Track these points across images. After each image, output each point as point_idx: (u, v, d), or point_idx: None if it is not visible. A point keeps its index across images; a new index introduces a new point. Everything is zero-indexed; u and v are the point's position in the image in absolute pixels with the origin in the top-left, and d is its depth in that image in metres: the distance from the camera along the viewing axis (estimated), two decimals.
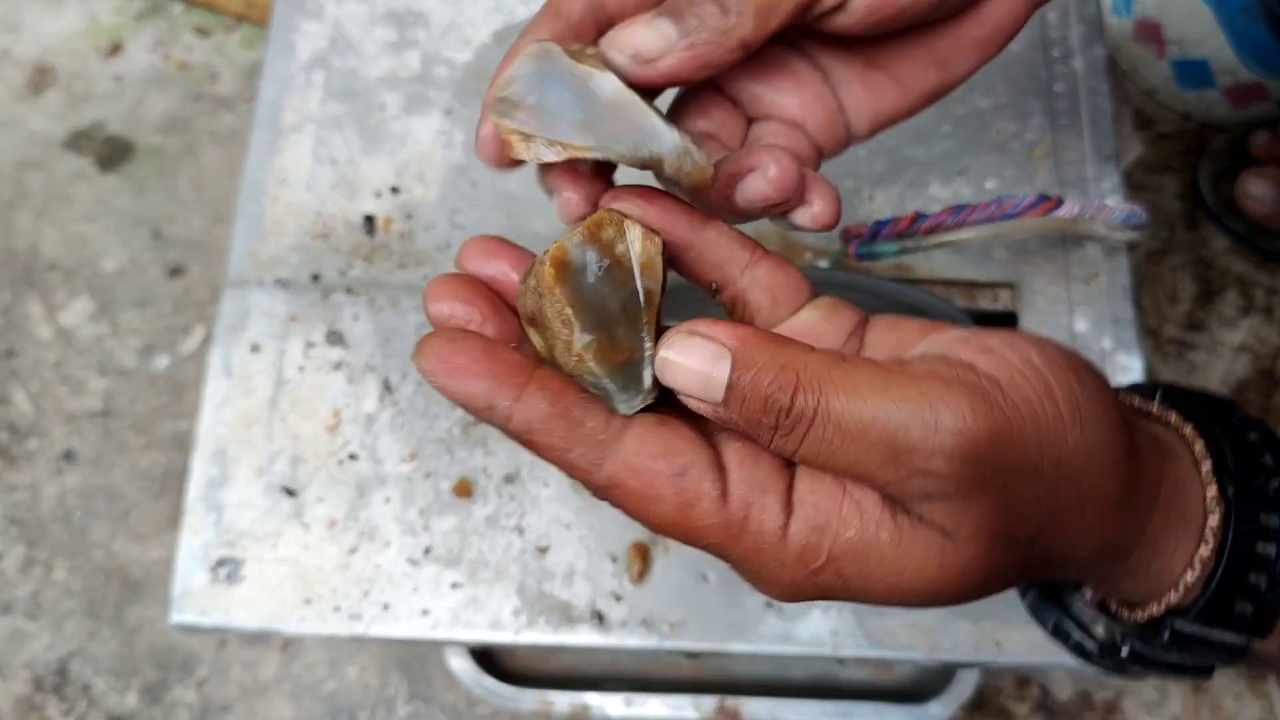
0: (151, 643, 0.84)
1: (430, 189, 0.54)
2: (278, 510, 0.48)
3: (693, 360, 0.24)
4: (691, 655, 0.48)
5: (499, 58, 0.59)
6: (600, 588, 0.47)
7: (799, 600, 0.26)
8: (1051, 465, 0.24)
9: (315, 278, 0.52)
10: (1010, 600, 0.47)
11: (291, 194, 0.54)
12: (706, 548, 0.25)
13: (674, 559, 0.48)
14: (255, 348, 0.51)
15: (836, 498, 0.25)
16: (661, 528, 0.25)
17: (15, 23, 1.07)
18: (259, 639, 0.83)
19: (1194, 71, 1.00)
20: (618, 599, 0.47)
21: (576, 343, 0.25)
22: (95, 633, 0.85)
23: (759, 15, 0.28)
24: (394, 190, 0.54)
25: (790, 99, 0.33)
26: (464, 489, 0.48)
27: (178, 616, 0.47)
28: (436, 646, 0.78)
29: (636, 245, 0.26)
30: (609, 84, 0.27)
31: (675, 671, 0.69)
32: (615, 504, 0.25)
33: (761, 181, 0.29)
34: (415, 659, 0.83)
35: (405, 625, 0.46)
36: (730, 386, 0.24)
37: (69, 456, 0.90)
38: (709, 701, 0.65)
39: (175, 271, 0.97)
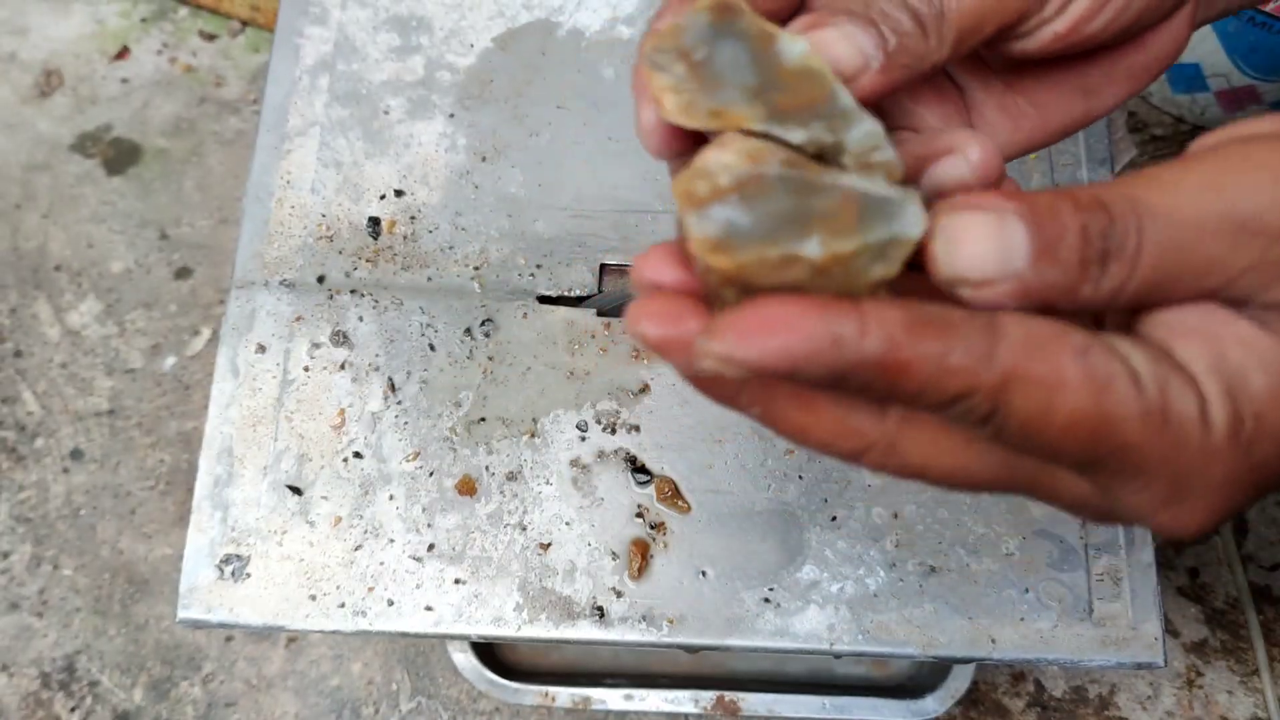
0: (158, 639, 0.85)
1: (433, 192, 0.55)
2: (283, 508, 0.49)
3: (976, 234, 0.20)
4: (690, 650, 0.48)
5: (500, 61, 0.60)
6: (601, 584, 0.48)
7: (1233, 511, 0.21)
8: None
9: (320, 279, 0.53)
10: (1005, 597, 0.48)
11: (297, 196, 0.55)
12: (1115, 457, 0.20)
13: (673, 556, 0.48)
14: (261, 348, 0.51)
15: (1213, 344, 0.21)
16: (1068, 432, 0.20)
17: (22, 26, 1.08)
18: (264, 635, 0.84)
19: (1187, 75, 1.00)
20: (618, 595, 0.48)
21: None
22: (102, 629, 0.85)
23: (958, 41, 0.26)
24: (398, 193, 0.55)
25: (932, 113, 0.30)
26: (467, 487, 0.49)
27: (184, 613, 0.47)
28: (440, 642, 0.79)
29: None
30: (795, 49, 0.23)
31: (674, 666, 0.70)
32: (1003, 413, 0.20)
33: (963, 165, 0.24)
34: (419, 654, 0.83)
35: (409, 621, 0.47)
36: (1037, 241, 0.20)
37: (76, 455, 0.91)
38: (708, 696, 0.65)
39: (182, 273, 0.98)
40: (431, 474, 0.49)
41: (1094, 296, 0.20)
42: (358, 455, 0.50)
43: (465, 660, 0.66)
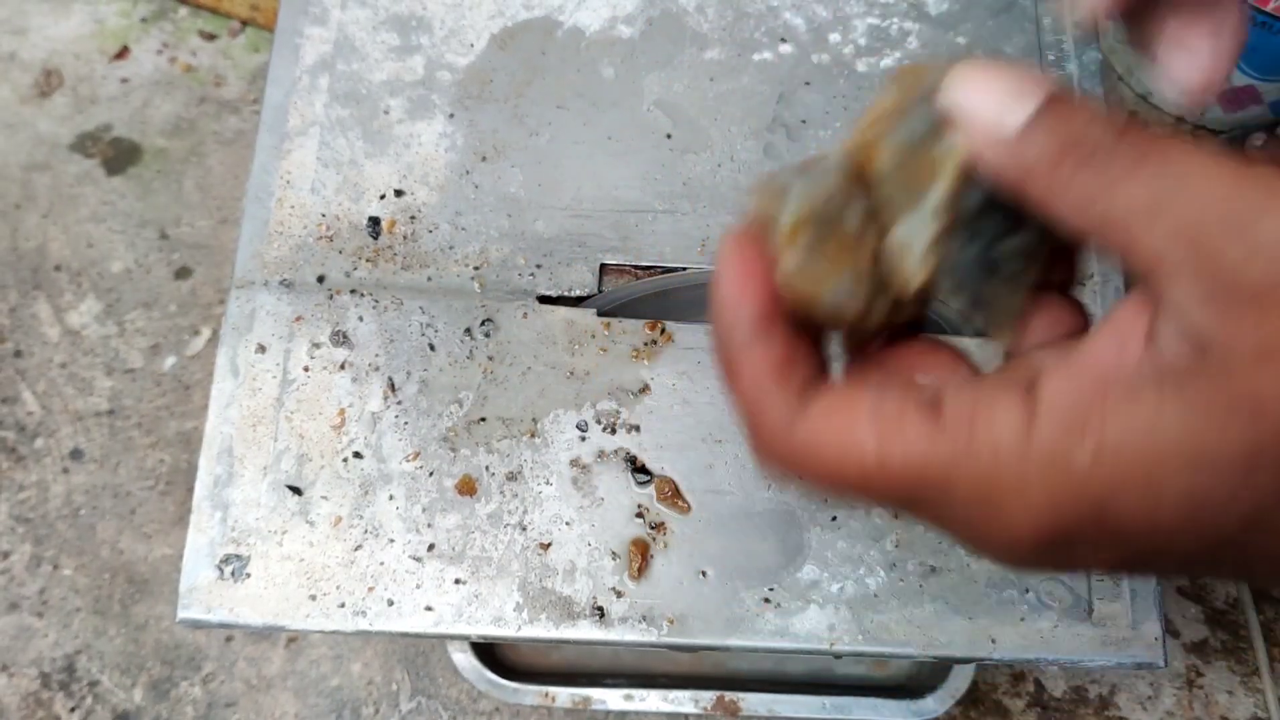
0: (158, 639, 0.85)
1: (433, 192, 0.55)
2: (283, 508, 0.49)
3: (991, 82, 0.21)
4: (691, 650, 0.48)
5: (500, 61, 0.60)
6: (601, 584, 0.48)
7: (1060, 533, 0.20)
8: None
9: (320, 279, 0.53)
10: (1005, 597, 0.48)
11: (297, 196, 0.55)
12: (928, 489, 0.21)
13: (674, 556, 0.48)
14: (261, 348, 0.51)
15: (1082, 357, 0.20)
16: (862, 483, 0.22)
17: (22, 26, 1.08)
18: (264, 635, 0.84)
19: None
20: (618, 595, 0.48)
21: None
22: (102, 630, 0.85)
23: None
24: (398, 193, 0.55)
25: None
26: (467, 487, 0.49)
27: (184, 613, 0.47)
28: (440, 642, 0.79)
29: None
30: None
31: (674, 666, 0.70)
32: (807, 478, 0.23)
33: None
34: (419, 655, 0.83)
35: (409, 621, 0.47)
36: (1041, 114, 0.21)
37: (76, 455, 0.91)
38: (708, 696, 0.65)
39: (182, 273, 0.98)
40: (431, 474, 0.49)
41: (1047, 197, 0.20)
42: (358, 455, 0.50)
43: (465, 660, 0.66)
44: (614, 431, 0.50)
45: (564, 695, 0.66)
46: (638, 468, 0.50)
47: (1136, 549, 0.20)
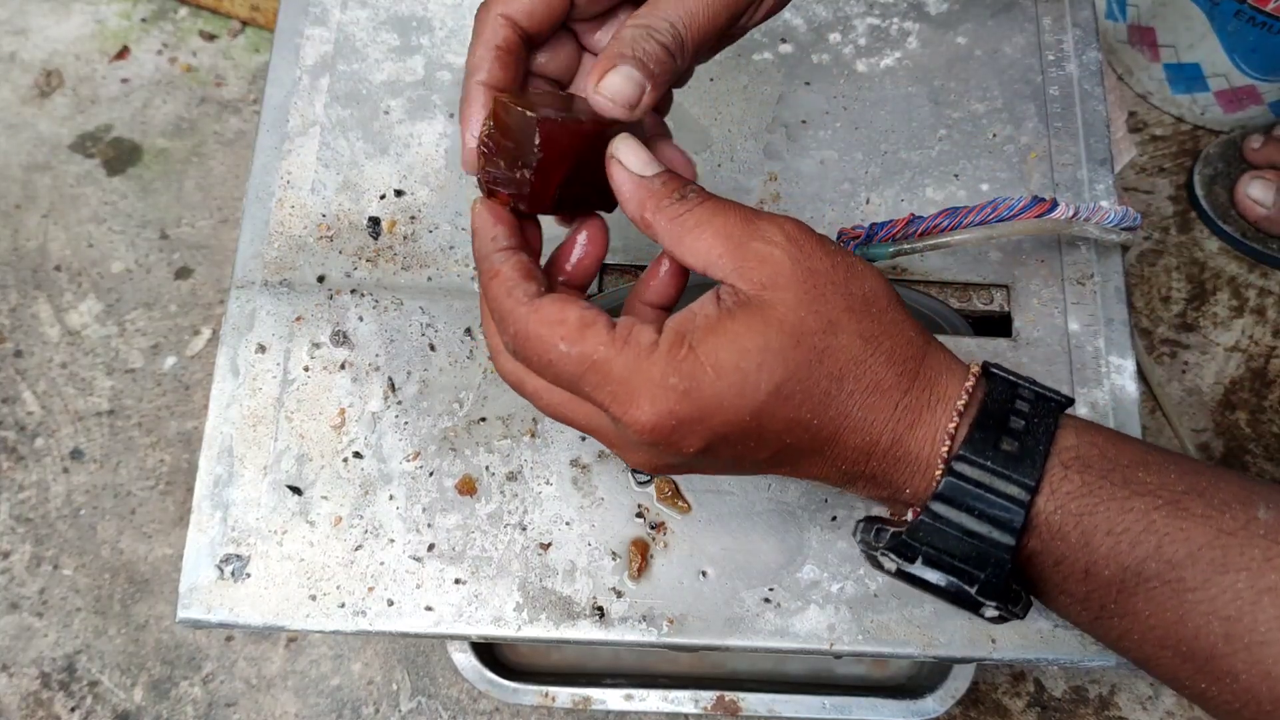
0: (158, 639, 0.85)
1: (433, 192, 0.55)
2: (284, 508, 0.49)
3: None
4: (691, 650, 0.48)
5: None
6: (601, 584, 0.48)
7: (676, 418, 0.32)
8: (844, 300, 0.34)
9: (321, 279, 0.53)
10: None
11: (297, 196, 0.55)
12: (594, 372, 0.33)
13: (674, 556, 0.48)
14: (261, 348, 0.51)
15: (700, 303, 0.34)
16: (564, 360, 0.33)
17: (23, 26, 1.08)
18: (264, 635, 0.84)
19: (1187, 75, 1.00)
20: (618, 595, 0.48)
21: None
22: (102, 629, 0.86)
23: (695, 53, 0.38)
24: (398, 193, 0.55)
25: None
26: (467, 487, 0.49)
27: (184, 613, 0.47)
28: (440, 642, 0.79)
29: None
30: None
31: (674, 666, 0.70)
32: (521, 355, 0.35)
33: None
34: (419, 654, 0.84)
35: (409, 621, 0.47)
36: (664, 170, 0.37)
37: (76, 455, 0.91)
38: (708, 696, 0.65)
39: (182, 273, 0.98)
40: (431, 474, 0.49)
41: (664, 209, 0.35)
42: (358, 455, 0.50)
43: (465, 660, 0.67)
44: None
45: (564, 695, 0.66)
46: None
47: (722, 434, 0.33)
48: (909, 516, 0.35)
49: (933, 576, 0.34)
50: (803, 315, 0.33)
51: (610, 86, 0.36)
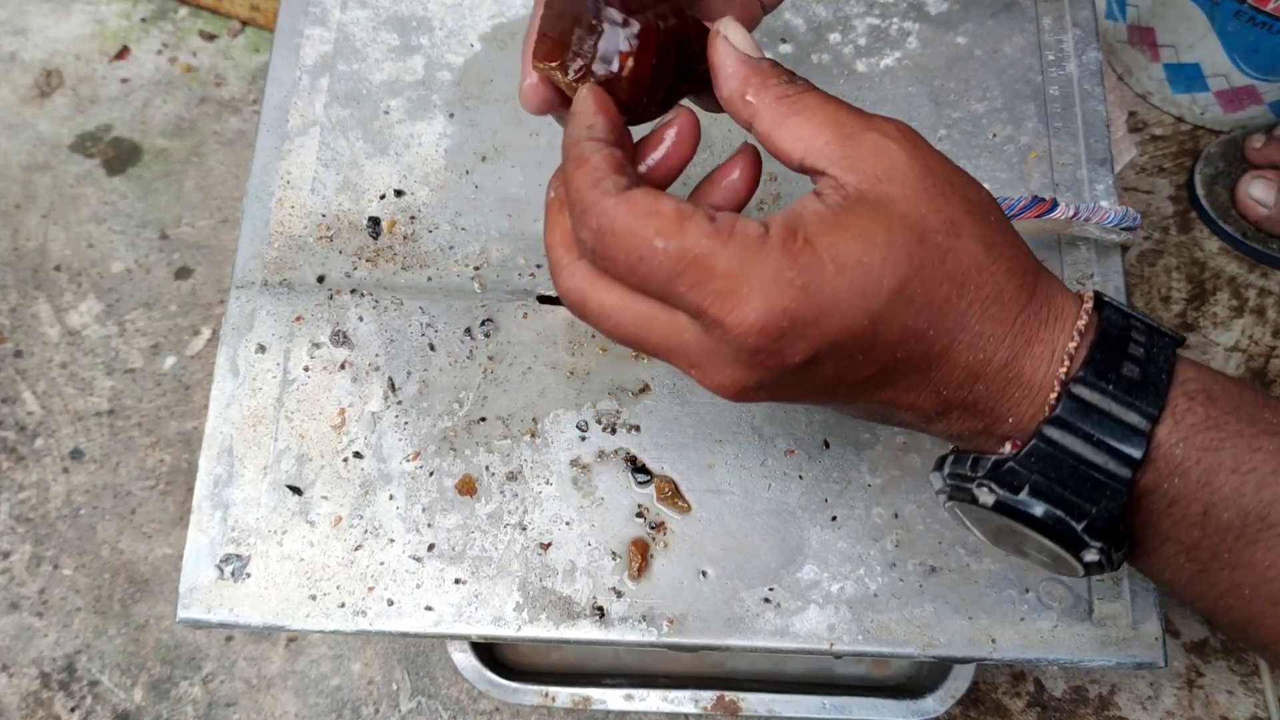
0: (158, 639, 0.85)
1: (433, 192, 0.55)
2: (284, 508, 0.49)
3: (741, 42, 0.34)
4: (691, 650, 0.48)
5: (500, 60, 0.60)
6: (601, 584, 0.48)
7: (787, 318, 0.29)
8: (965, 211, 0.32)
9: (320, 279, 0.53)
10: (1005, 597, 0.48)
11: (297, 196, 0.55)
12: (694, 268, 0.29)
13: (674, 556, 0.48)
14: (261, 348, 0.51)
15: (801, 202, 0.32)
16: (658, 257, 0.30)
17: (22, 26, 1.08)
18: (264, 635, 0.84)
19: (1187, 75, 1.00)
20: (618, 595, 0.48)
21: None
22: (102, 629, 0.85)
23: None
24: (398, 193, 0.55)
25: None
26: (467, 487, 0.49)
27: (184, 613, 0.47)
28: (440, 642, 0.79)
29: None
30: None
31: (674, 666, 0.70)
32: (600, 254, 0.31)
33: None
34: (419, 654, 0.83)
35: (409, 621, 0.47)
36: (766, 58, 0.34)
37: (76, 455, 0.91)
38: (708, 696, 0.65)
39: (182, 273, 0.98)
40: (431, 474, 0.49)
41: (755, 98, 0.33)
42: (358, 455, 0.50)
43: (465, 660, 0.66)
44: (614, 431, 0.51)
45: (564, 695, 0.66)
46: (638, 468, 0.50)
47: (834, 341, 0.30)
48: (1007, 449, 0.33)
49: (1038, 509, 0.31)
50: (924, 212, 0.30)
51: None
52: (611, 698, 0.66)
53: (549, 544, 0.48)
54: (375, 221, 0.54)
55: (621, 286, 0.32)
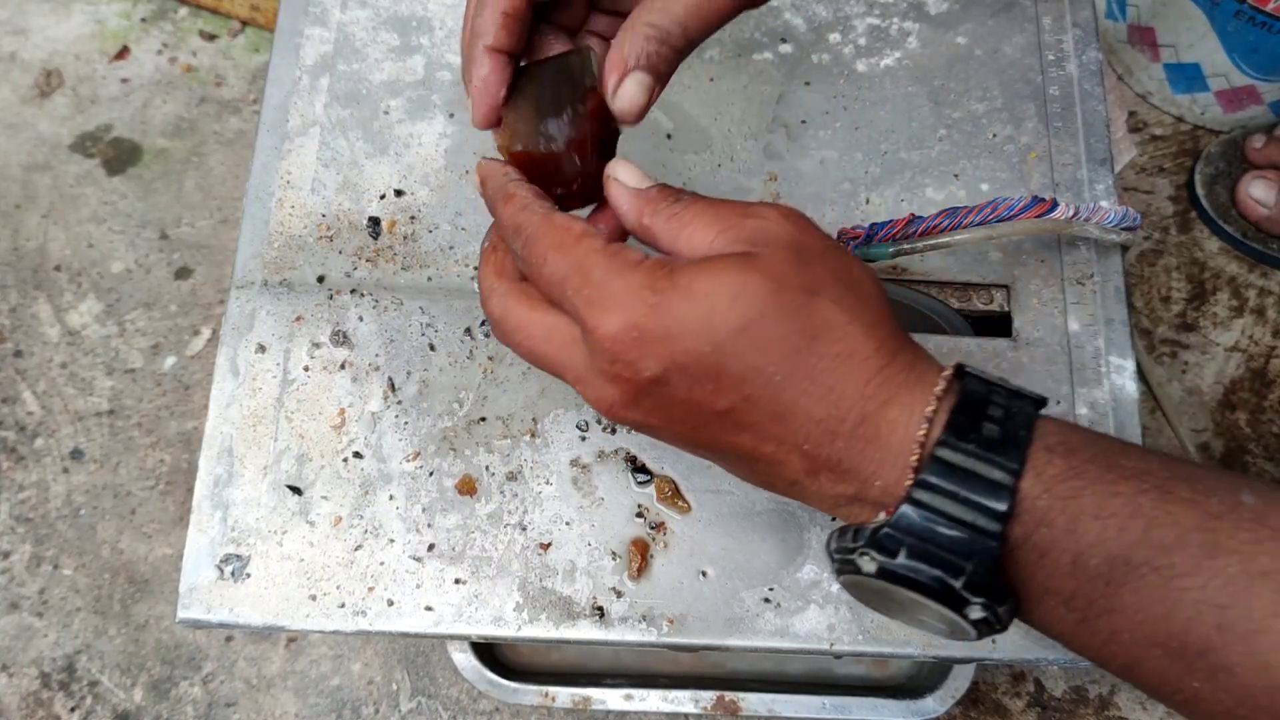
0: (158, 639, 0.85)
1: (434, 192, 0.55)
2: (284, 508, 0.49)
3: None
4: (691, 650, 0.48)
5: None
6: (601, 584, 0.48)
7: (646, 333, 0.33)
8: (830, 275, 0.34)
9: (320, 279, 0.53)
10: None
11: (297, 196, 0.55)
12: (578, 273, 0.34)
13: (674, 556, 0.48)
14: (261, 348, 0.51)
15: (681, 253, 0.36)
16: (554, 254, 0.35)
17: (23, 26, 1.08)
18: (264, 635, 0.84)
19: (1187, 75, 1.00)
20: (618, 595, 0.48)
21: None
22: (102, 629, 0.86)
23: (699, 42, 0.39)
24: (398, 193, 0.55)
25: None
26: (467, 487, 0.49)
27: (184, 613, 0.47)
28: (440, 642, 0.79)
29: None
30: None
31: (674, 666, 0.70)
32: (522, 255, 0.37)
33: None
34: (419, 655, 0.84)
35: (409, 621, 0.47)
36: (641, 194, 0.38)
37: (76, 455, 0.91)
38: (708, 696, 0.65)
39: (182, 273, 0.98)
40: (431, 474, 0.49)
41: (648, 220, 0.37)
42: (358, 455, 0.50)
43: (465, 660, 0.67)
44: (614, 431, 0.50)
45: (564, 695, 0.66)
46: (638, 467, 0.50)
47: (681, 363, 0.33)
48: (882, 517, 0.34)
49: (917, 570, 0.32)
50: (787, 270, 0.33)
51: (627, 95, 0.38)
52: (611, 698, 0.66)
53: (549, 544, 0.48)
54: (375, 221, 0.54)
55: (530, 302, 0.37)
